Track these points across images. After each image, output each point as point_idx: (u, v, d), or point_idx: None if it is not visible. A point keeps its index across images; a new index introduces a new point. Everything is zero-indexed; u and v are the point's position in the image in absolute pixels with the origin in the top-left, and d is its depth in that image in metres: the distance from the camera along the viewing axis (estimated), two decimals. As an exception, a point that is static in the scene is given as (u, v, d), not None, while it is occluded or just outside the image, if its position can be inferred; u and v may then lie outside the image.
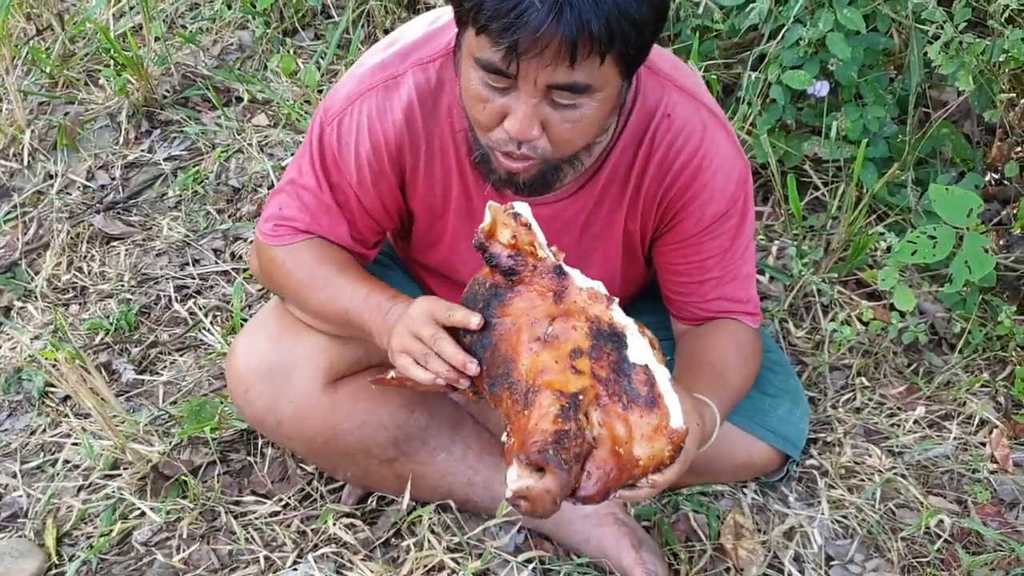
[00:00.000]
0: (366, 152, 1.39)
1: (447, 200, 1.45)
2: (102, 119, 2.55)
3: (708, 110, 1.39)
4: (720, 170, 1.39)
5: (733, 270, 1.47)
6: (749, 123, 2.17)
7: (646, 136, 1.38)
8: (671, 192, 1.41)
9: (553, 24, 1.08)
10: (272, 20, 2.83)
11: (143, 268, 2.17)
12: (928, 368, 1.95)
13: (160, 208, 2.33)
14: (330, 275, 1.42)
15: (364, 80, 1.39)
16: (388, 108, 1.37)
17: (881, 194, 2.09)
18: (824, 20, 2.02)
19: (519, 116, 1.18)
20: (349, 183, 1.42)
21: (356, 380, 1.55)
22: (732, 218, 1.44)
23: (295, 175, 1.45)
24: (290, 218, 1.45)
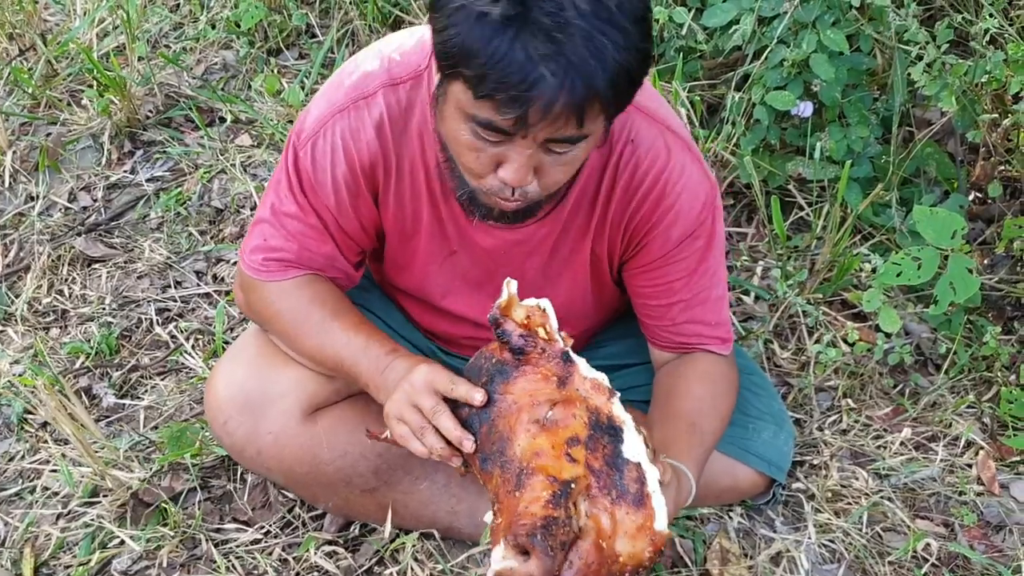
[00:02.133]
0: (342, 173, 1.38)
1: (417, 223, 1.45)
2: (85, 140, 2.53)
3: (672, 133, 1.39)
4: (685, 192, 1.38)
5: (702, 292, 1.46)
6: (733, 143, 2.17)
7: (610, 161, 1.37)
8: (637, 216, 1.40)
9: (564, 95, 1.07)
10: (256, 40, 2.82)
11: (124, 291, 2.15)
12: (914, 389, 1.95)
13: (142, 230, 2.31)
14: (324, 319, 1.41)
15: (335, 101, 1.37)
16: (361, 127, 1.36)
17: (866, 214, 2.09)
18: (807, 41, 2.02)
19: (515, 167, 1.17)
20: (327, 205, 1.40)
21: (336, 410, 1.54)
22: (699, 239, 1.43)
23: (275, 202, 1.44)
24: (277, 248, 1.43)
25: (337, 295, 1.45)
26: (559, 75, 1.06)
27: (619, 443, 1.18)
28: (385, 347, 1.37)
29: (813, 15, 2.03)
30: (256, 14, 2.77)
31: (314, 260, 1.44)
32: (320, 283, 1.44)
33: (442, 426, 1.23)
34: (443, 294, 1.54)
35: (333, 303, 1.43)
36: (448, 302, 1.56)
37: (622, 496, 1.15)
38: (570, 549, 1.12)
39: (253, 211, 2.31)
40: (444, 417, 1.23)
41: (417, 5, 2.64)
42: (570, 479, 1.14)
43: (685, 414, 1.41)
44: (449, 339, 1.64)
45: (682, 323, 1.47)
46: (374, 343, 1.38)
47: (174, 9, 3.01)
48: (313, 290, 1.43)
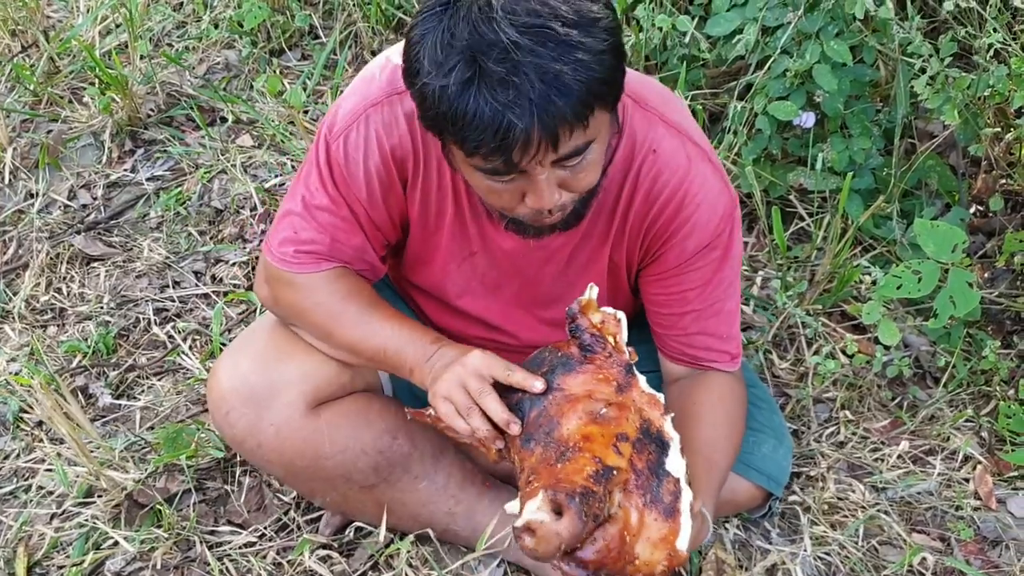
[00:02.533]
0: (375, 165, 1.38)
1: (441, 218, 1.45)
2: (85, 137, 2.53)
3: (694, 144, 1.39)
4: (704, 203, 1.39)
5: (715, 304, 1.47)
6: (735, 152, 2.17)
7: (631, 170, 1.38)
8: (656, 225, 1.41)
9: (538, 131, 1.11)
10: (259, 40, 2.82)
11: (123, 290, 2.15)
12: (912, 402, 1.94)
13: (142, 229, 2.30)
14: (362, 310, 1.43)
15: (368, 95, 1.38)
16: (394, 121, 1.37)
17: (866, 226, 2.09)
18: (811, 52, 2.02)
19: (538, 194, 1.21)
20: (359, 198, 1.41)
21: (340, 405, 1.53)
22: (715, 250, 1.43)
23: (305, 195, 1.44)
24: (309, 240, 1.44)
25: (369, 288, 1.47)
26: (525, 117, 1.10)
27: (664, 455, 1.20)
28: (429, 336, 1.41)
29: (817, 26, 2.03)
30: (259, 14, 2.77)
31: (344, 252, 1.44)
32: (351, 276, 1.46)
33: (489, 407, 1.26)
34: (459, 294, 1.55)
35: (368, 295, 1.45)
36: (463, 302, 1.56)
37: (656, 502, 1.18)
38: (598, 527, 1.14)
39: (253, 212, 2.30)
40: (490, 398, 1.26)
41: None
42: (613, 466, 1.16)
43: (702, 448, 1.41)
44: (459, 338, 1.63)
45: (693, 334, 1.47)
46: (418, 332, 1.41)
47: (177, 8, 3.01)
48: (347, 283, 1.45)
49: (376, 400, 1.56)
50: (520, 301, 1.55)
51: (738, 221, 1.46)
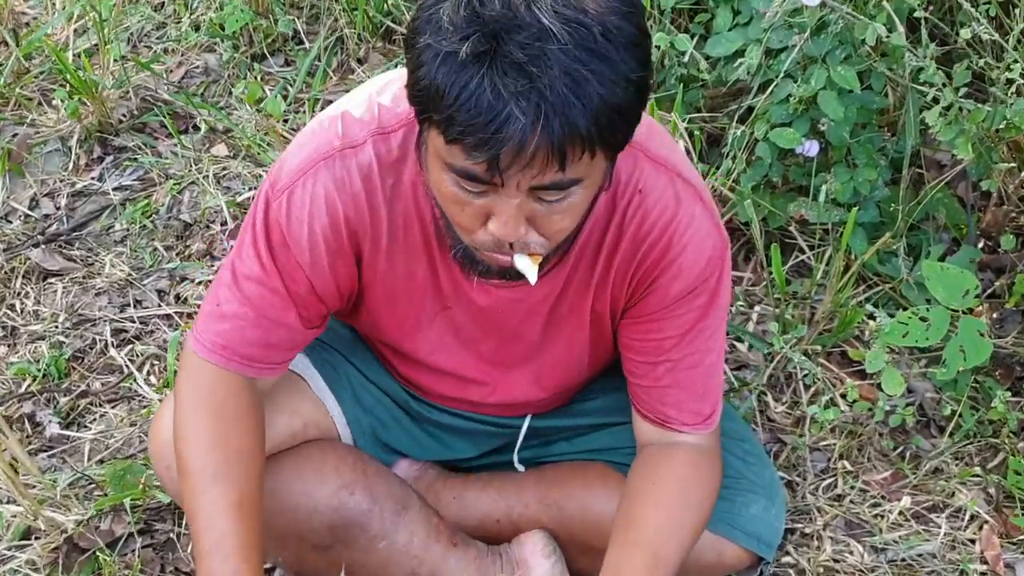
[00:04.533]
0: (322, 227, 1.23)
1: (411, 281, 1.31)
2: (53, 143, 2.41)
3: (683, 180, 1.27)
4: (691, 245, 1.27)
5: (693, 355, 1.33)
6: (732, 179, 2.05)
7: (615, 213, 1.25)
8: (641, 269, 1.29)
9: (539, 136, 0.96)
10: (241, 44, 2.70)
11: (80, 308, 2.02)
12: (915, 452, 1.83)
13: (105, 242, 2.18)
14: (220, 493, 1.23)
15: (317, 148, 1.23)
16: (347, 178, 1.21)
17: (870, 262, 1.97)
18: (816, 77, 1.90)
19: (503, 219, 1.05)
20: (300, 263, 1.25)
21: (290, 457, 1.42)
22: (700, 297, 1.30)
23: (236, 262, 1.28)
24: (230, 315, 1.27)
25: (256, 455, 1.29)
26: (530, 113, 0.95)
27: None
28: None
29: (824, 50, 1.92)
30: (241, 17, 2.65)
31: (270, 334, 1.29)
32: (250, 432, 1.29)
33: None
34: (431, 351, 1.42)
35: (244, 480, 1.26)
36: (436, 359, 1.43)
37: None
38: None
39: (223, 227, 2.18)
40: None
41: (410, 15, 2.53)
42: None
43: (651, 540, 1.27)
44: (429, 391, 1.51)
45: (666, 387, 1.34)
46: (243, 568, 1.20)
47: (158, 8, 2.89)
48: (235, 425, 1.28)
49: (332, 451, 1.44)
50: (498, 357, 1.42)
51: (728, 266, 1.33)
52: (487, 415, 1.50)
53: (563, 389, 1.48)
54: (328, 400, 1.49)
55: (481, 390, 1.45)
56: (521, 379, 1.44)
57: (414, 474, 1.57)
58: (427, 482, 1.57)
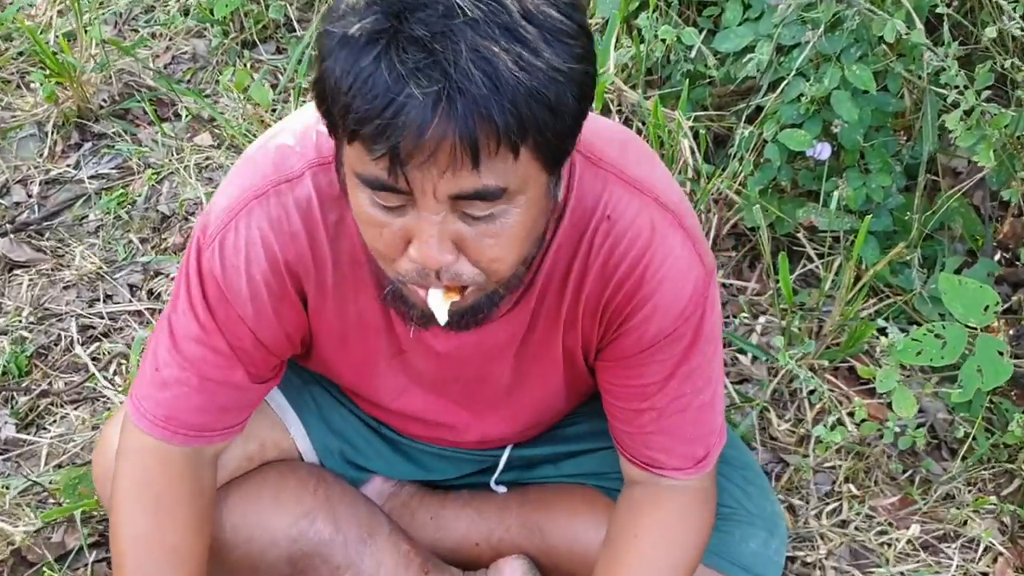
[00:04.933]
0: (261, 273, 1.10)
1: (362, 324, 1.18)
2: (29, 127, 2.30)
3: (661, 206, 1.11)
4: (667, 280, 1.11)
5: (680, 400, 1.18)
6: (739, 182, 1.94)
7: (583, 242, 1.10)
8: (611, 308, 1.14)
9: (443, 120, 0.82)
10: (231, 30, 2.59)
11: (47, 302, 1.92)
12: (925, 476, 1.72)
13: (77, 233, 2.08)
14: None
15: (249, 186, 1.09)
16: (284, 216, 1.08)
17: (882, 273, 1.86)
18: (830, 76, 1.79)
19: (423, 239, 0.91)
20: (242, 317, 1.12)
21: (246, 483, 1.31)
22: (681, 339, 1.14)
23: (173, 318, 1.16)
24: (171, 382, 1.16)
25: (192, 562, 1.19)
26: (431, 92, 0.82)
27: None
28: None
29: (838, 47, 1.81)
30: (231, 1, 2.55)
31: (217, 398, 1.17)
32: (189, 526, 1.18)
33: None
34: (394, 396, 1.30)
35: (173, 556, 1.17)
36: (400, 404, 1.31)
37: None
38: None
39: (202, 220, 2.08)
40: None
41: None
42: None
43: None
44: (399, 430, 1.41)
45: (650, 433, 1.21)
46: None
47: (147, -10, 2.79)
48: (177, 530, 1.18)
49: (292, 474, 1.33)
50: (467, 400, 1.29)
51: (712, 298, 1.16)
52: (464, 449, 1.40)
53: (542, 425, 1.38)
54: (290, 419, 1.38)
55: (453, 431, 1.34)
56: (494, 419, 1.32)
57: (388, 491, 1.47)
58: (402, 500, 1.46)
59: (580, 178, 1.09)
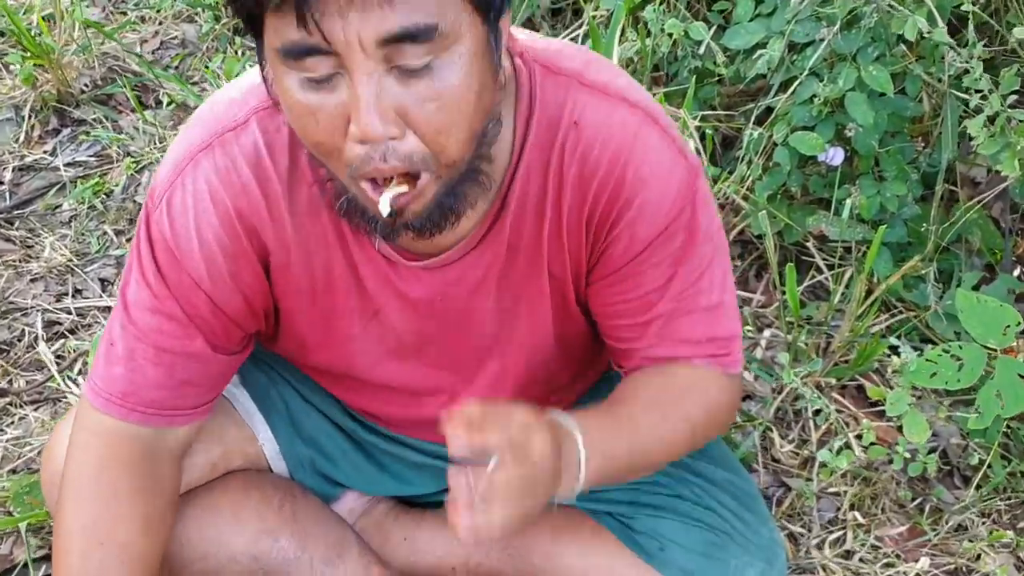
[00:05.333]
0: (213, 232, 1.02)
1: (329, 277, 1.09)
2: (6, 111, 2.21)
3: (630, 104, 1.03)
4: (651, 178, 1.03)
5: (687, 302, 1.08)
6: (747, 187, 1.84)
7: (553, 152, 1.02)
8: (596, 212, 1.05)
9: None
10: (223, 15, 2.50)
11: (12, 295, 1.82)
12: (936, 505, 1.61)
13: (49, 223, 1.98)
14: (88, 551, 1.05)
15: (191, 141, 1.02)
16: (231, 167, 1.01)
17: (895, 287, 1.76)
18: (845, 77, 1.69)
19: (362, 102, 0.82)
20: (196, 281, 1.04)
21: (206, 495, 1.21)
22: (675, 237, 1.06)
23: (126, 287, 1.08)
24: (124, 357, 1.07)
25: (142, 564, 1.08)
26: None
27: None
28: None
29: (855, 47, 1.70)
30: (222, -14, 2.46)
31: (175, 370, 1.07)
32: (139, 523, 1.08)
33: None
34: (370, 365, 1.19)
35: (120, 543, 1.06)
36: (377, 373, 1.20)
37: None
38: None
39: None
40: None
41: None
42: None
43: (620, 402, 1.08)
44: (378, 416, 1.31)
45: (657, 341, 1.10)
46: None
47: (138, -29, 2.69)
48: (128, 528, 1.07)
49: (256, 487, 1.23)
50: (451, 360, 1.18)
51: (703, 193, 1.07)
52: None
53: (535, 386, 1.23)
54: (257, 424, 1.28)
55: (437, 401, 1.23)
56: (483, 380, 1.21)
57: (361, 508, 1.37)
58: (375, 519, 1.36)
59: (541, 87, 1.02)
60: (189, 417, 1.11)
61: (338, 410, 1.32)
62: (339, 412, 1.31)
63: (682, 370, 1.11)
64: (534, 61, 1.01)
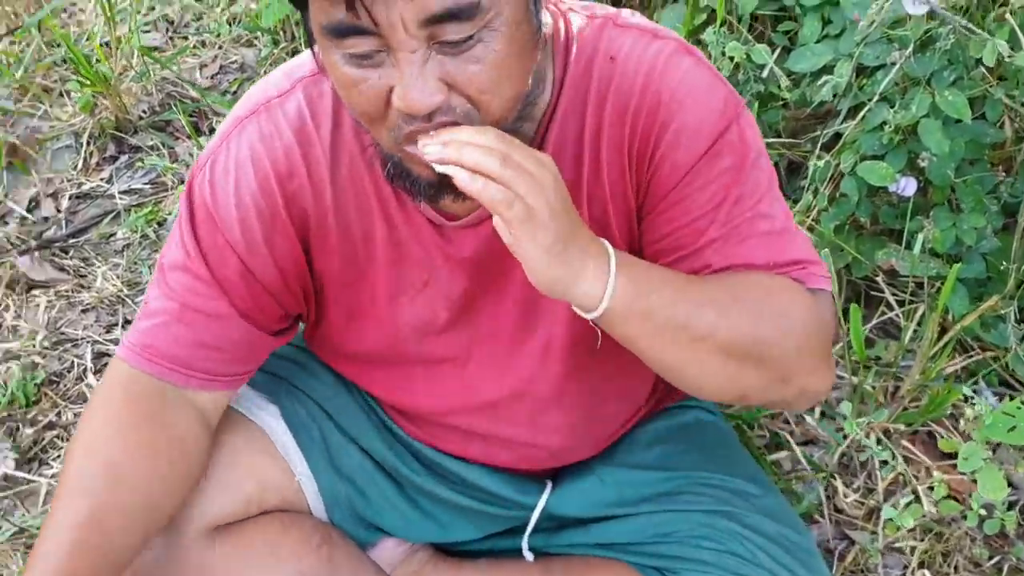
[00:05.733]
0: (250, 193, 1.03)
1: (370, 246, 1.08)
2: (66, 138, 2.23)
3: (663, 38, 1.02)
4: (689, 98, 0.99)
5: (743, 227, 1.00)
6: (812, 217, 1.75)
7: (590, 91, 1.01)
8: (636, 144, 1.01)
9: None
10: (281, 39, 2.49)
11: (63, 326, 1.83)
12: (1016, 565, 1.50)
13: (103, 252, 1.98)
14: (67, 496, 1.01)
15: (237, 112, 1.06)
16: (274, 131, 1.03)
17: (972, 327, 1.64)
18: (918, 102, 1.58)
19: (406, 78, 0.84)
20: (230, 243, 1.05)
21: (243, 532, 1.18)
22: (720, 158, 1.00)
23: (165, 250, 1.10)
24: (155, 311, 1.08)
25: (132, 490, 1.04)
26: None
27: None
28: None
29: (929, 70, 1.60)
30: (280, 9, 2.44)
31: (199, 331, 1.07)
32: (142, 450, 1.05)
33: None
34: (419, 337, 1.15)
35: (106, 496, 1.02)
36: (427, 346, 1.16)
37: None
38: None
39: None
40: None
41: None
42: None
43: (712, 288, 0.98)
44: (425, 414, 1.25)
45: (717, 264, 1.01)
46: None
47: (200, -4, 2.71)
48: (127, 449, 1.05)
49: (295, 527, 1.20)
50: (497, 325, 1.13)
51: (748, 117, 1.03)
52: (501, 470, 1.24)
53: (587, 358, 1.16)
54: (296, 460, 1.25)
55: (486, 376, 1.17)
56: (531, 348, 1.14)
57: (400, 557, 1.32)
58: (414, 567, 1.32)
59: (577, 32, 1.03)
60: (207, 382, 1.10)
61: (379, 441, 1.27)
62: (379, 444, 1.27)
63: (749, 274, 1.02)
64: (569, 10, 1.03)
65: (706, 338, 0.95)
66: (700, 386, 1.01)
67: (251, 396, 1.25)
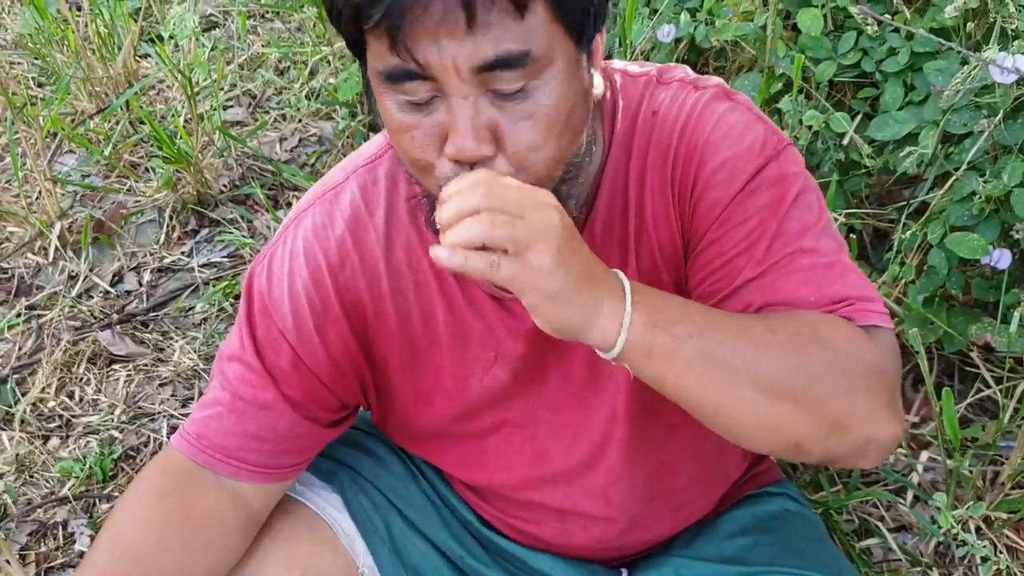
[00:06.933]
0: (303, 283, 1.04)
1: (432, 328, 1.07)
2: (150, 212, 2.29)
3: (700, 87, 1.03)
4: (725, 140, 0.98)
5: (781, 264, 0.95)
6: (899, 290, 1.67)
7: (634, 146, 1.02)
8: (676, 183, 1.01)
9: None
10: (359, 112, 2.53)
11: (141, 400, 1.85)
12: None
13: (181, 325, 2.01)
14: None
15: (299, 206, 1.09)
16: (328, 222, 1.05)
17: (1077, 407, 1.54)
18: (1010, 172, 1.51)
19: (458, 125, 0.84)
20: (282, 332, 1.05)
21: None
22: (758, 195, 0.97)
23: (226, 342, 1.12)
24: (210, 402, 1.09)
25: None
26: None
27: None
28: None
29: (1020, 138, 1.53)
30: (357, 83, 2.49)
31: (247, 420, 1.06)
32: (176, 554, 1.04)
33: None
34: (489, 409, 1.14)
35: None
36: (499, 415, 1.14)
37: None
38: None
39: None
40: None
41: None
42: None
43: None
44: (501, 488, 1.21)
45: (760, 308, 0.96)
46: None
47: (281, 72, 2.78)
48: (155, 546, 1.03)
49: None
50: (567, 391, 1.11)
51: (789, 153, 1.00)
52: (572, 560, 1.20)
53: (653, 417, 1.12)
54: (359, 552, 1.22)
55: (560, 445, 1.14)
56: (601, 409, 1.11)
57: None
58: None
59: (624, 91, 1.04)
60: (256, 476, 1.09)
61: (444, 532, 1.24)
62: (445, 534, 1.24)
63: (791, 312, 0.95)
64: (613, 70, 1.05)
65: (739, 373, 0.87)
66: (742, 431, 0.91)
67: (314, 485, 1.23)
